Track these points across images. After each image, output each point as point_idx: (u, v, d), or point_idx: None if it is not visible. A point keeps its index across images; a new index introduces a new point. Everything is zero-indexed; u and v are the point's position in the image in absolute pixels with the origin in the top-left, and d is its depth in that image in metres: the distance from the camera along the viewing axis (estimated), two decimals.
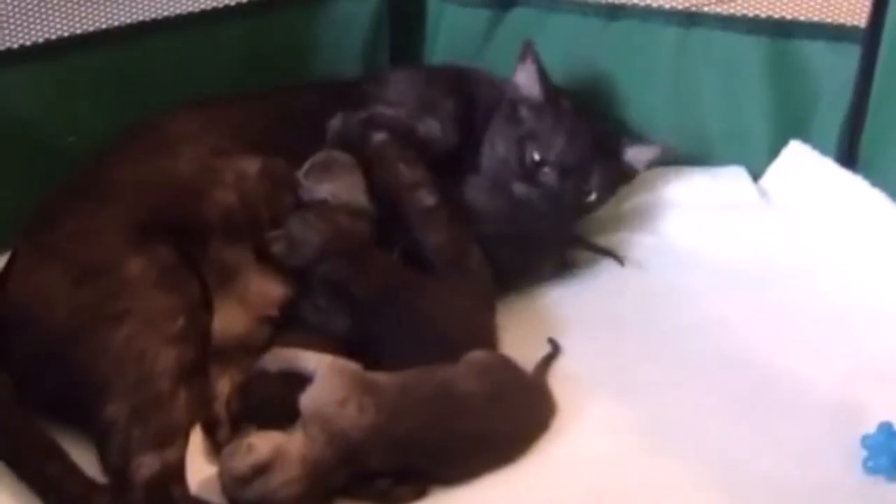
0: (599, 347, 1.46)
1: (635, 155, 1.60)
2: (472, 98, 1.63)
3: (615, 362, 1.43)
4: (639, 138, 1.64)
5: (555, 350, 1.44)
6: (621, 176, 1.61)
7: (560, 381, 1.39)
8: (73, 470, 1.23)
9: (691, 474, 1.28)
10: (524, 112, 1.57)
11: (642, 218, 1.62)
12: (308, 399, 1.25)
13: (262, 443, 1.21)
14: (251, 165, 1.46)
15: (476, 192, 1.53)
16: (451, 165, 1.56)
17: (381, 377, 1.28)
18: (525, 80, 1.58)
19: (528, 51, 1.57)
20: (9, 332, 1.31)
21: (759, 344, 1.46)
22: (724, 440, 1.32)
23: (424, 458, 1.25)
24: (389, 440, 1.23)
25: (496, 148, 1.56)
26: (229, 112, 1.53)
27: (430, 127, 1.58)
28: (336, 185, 1.48)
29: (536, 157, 1.52)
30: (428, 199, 1.49)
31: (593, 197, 1.56)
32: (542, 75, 1.57)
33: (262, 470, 1.19)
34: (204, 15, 1.64)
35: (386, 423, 1.23)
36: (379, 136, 1.53)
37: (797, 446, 1.30)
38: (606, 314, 1.52)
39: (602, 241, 1.62)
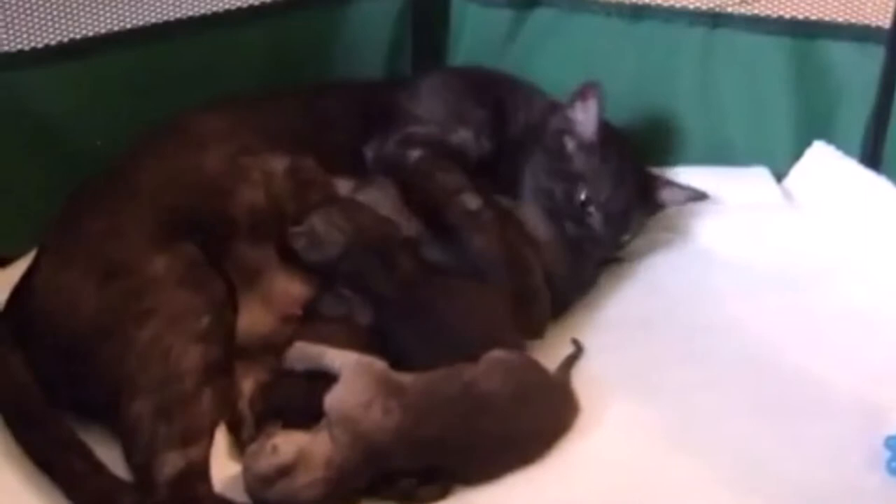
0: (623, 348, 1.46)
1: (668, 195, 1.61)
2: (504, 108, 1.62)
3: (639, 363, 1.43)
4: (673, 181, 1.63)
5: (578, 350, 1.44)
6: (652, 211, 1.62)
7: (583, 382, 1.39)
8: (98, 467, 1.24)
9: (714, 475, 1.28)
10: (572, 147, 1.55)
11: (666, 218, 1.62)
12: (332, 400, 1.25)
13: (286, 444, 1.21)
14: (278, 164, 1.46)
15: (536, 219, 1.52)
16: (483, 176, 1.55)
17: (405, 378, 1.28)
18: (583, 119, 1.54)
19: (591, 92, 1.53)
20: (35, 330, 1.32)
21: (783, 345, 1.46)
22: (748, 441, 1.32)
23: (449, 458, 1.25)
24: (414, 442, 1.23)
25: (541, 181, 1.54)
26: (257, 111, 1.53)
27: (463, 138, 1.57)
28: (366, 197, 1.49)
29: (583, 197, 1.51)
30: (471, 202, 1.48)
31: (626, 238, 1.57)
32: (601, 118, 1.54)
33: (285, 471, 1.19)
34: (228, 14, 1.65)
35: (411, 426, 1.23)
36: (415, 153, 1.53)
37: (821, 447, 1.30)
38: (630, 314, 1.53)
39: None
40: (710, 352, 1.45)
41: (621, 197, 1.53)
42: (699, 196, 1.62)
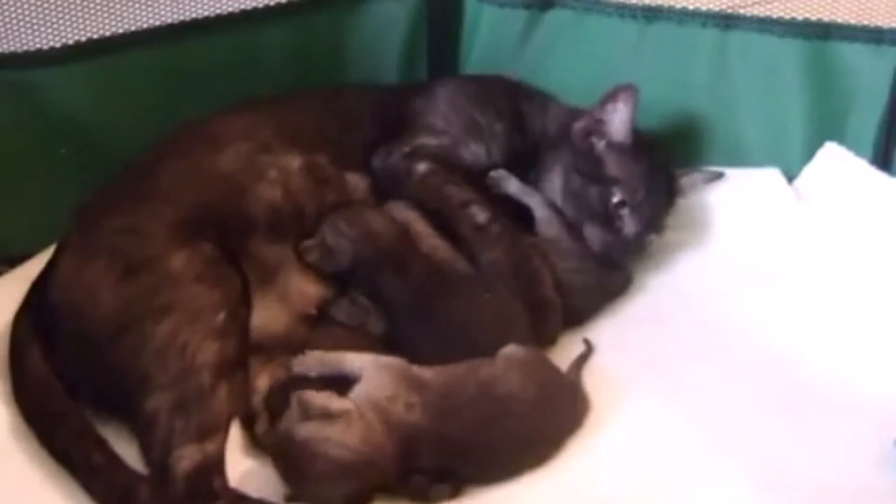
0: (637, 345, 1.47)
1: (686, 182, 1.61)
2: (523, 120, 1.61)
3: (652, 362, 1.44)
4: (689, 169, 1.64)
5: (588, 350, 1.45)
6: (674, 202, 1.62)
7: (598, 379, 1.39)
8: (116, 461, 1.25)
9: (727, 472, 1.28)
10: (601, 149, 1.54)
11: (678, 218, 1.62)
12: (359, 396, 1.26)
13: (343, 402, 1.23)
14: (293, 161, 1.47)
15: (553, 229, 1.52)
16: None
17: (425, 374, 1.28)
18: (615, 120, 1.53)
19: (627, 94, 1.52)
20: (55, 324, 1.34)
21: (795, 345, 1.47)
22: (760, 438, 1.32)
23: (466, 459, 1.25)
24: (434, 441, 1.24)
25: (574, 186, 1.53)
26: (275, 111, 1.54)
27: (475, 152, 1.56)
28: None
29: (616, 199, 1.50)
30: (480, 215, 1.49)
31: (653, 238, 1.56)
32: (633, 121, 1.54)
33: (329, 417, 1.20)
34: (248, 14, 1.65)
35: (430, 424, 1.24)
36: (422, 167, 1.52)
37: (833, 447, 1.31)
38: (644, 313, 1.53)
39: None
40: (723, 351, 1.46)
41: (653, 197, 1.53)
42: (715, 176, 1.64)
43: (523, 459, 1.28)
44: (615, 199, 1.51)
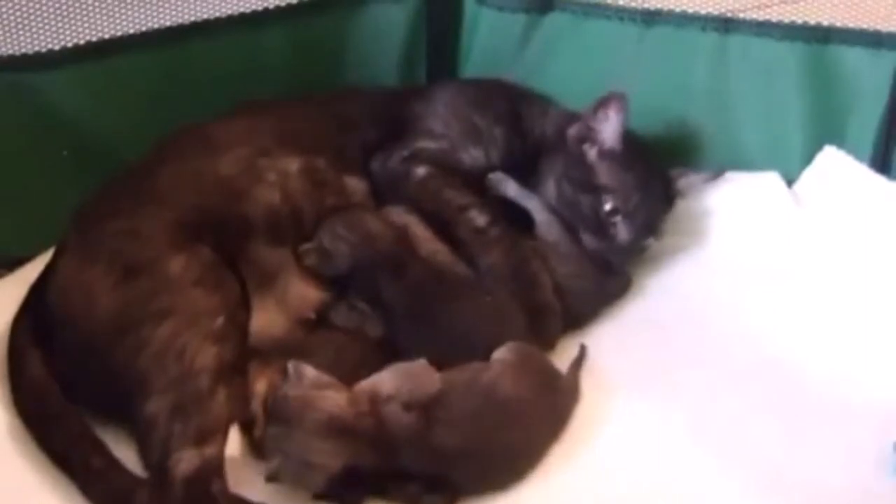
0: (635, 349, 1.47)
1: (685, 183, 1.61)
2: (522, 124, 1.61)
3: (651, 364, 1.44)
4: (686, 170, 1.63)
5: (582, 354, 1.44)
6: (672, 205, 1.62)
7: (596, 382, 1.39)
8: (114, 464, 1.26)
9: (726, 476, 1.29)
10: (593, 156, 1.54)
11: (677, 223, 1.62)
12: (360, 385, 1.27)
13: (333, 379, 1.27)
14: (292, 164, 1.47)
15: (552, 232, 1.52)
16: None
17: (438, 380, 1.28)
18: (605, 127, 1.53)
19: (616, 102, 1.52)
20: (54, 327, 1.34)
21: (795, 349, 1.47)
22: (759, 443, 1.33)
23: (465, 468, 1.25)
24: (429, 448, 1.23)
25: (566, 193, 1.53)
26: (274, 115, 1.54)
27: (474, 157, 1.56)
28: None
29: (608, 207, 1.50)
30: (479, 218, 1.49)
31: (650, 241, 1.56)
32: (624, 127, 1.53)
33: (321, 385, 1.24)
34: (245, 17, 1.65)
35: (426, 431, 1.23)
36: (421, 170, 1.52)
37: (833, 451, 1.31)
38: (644, 317, 1.53)
39: None
40: (723, 354, 1.46)
41: (648, 203, 1.52)
42: (713, 176, 1.63)
43: (520, 463, 1.28)
44: (607, 207, 1.51)
